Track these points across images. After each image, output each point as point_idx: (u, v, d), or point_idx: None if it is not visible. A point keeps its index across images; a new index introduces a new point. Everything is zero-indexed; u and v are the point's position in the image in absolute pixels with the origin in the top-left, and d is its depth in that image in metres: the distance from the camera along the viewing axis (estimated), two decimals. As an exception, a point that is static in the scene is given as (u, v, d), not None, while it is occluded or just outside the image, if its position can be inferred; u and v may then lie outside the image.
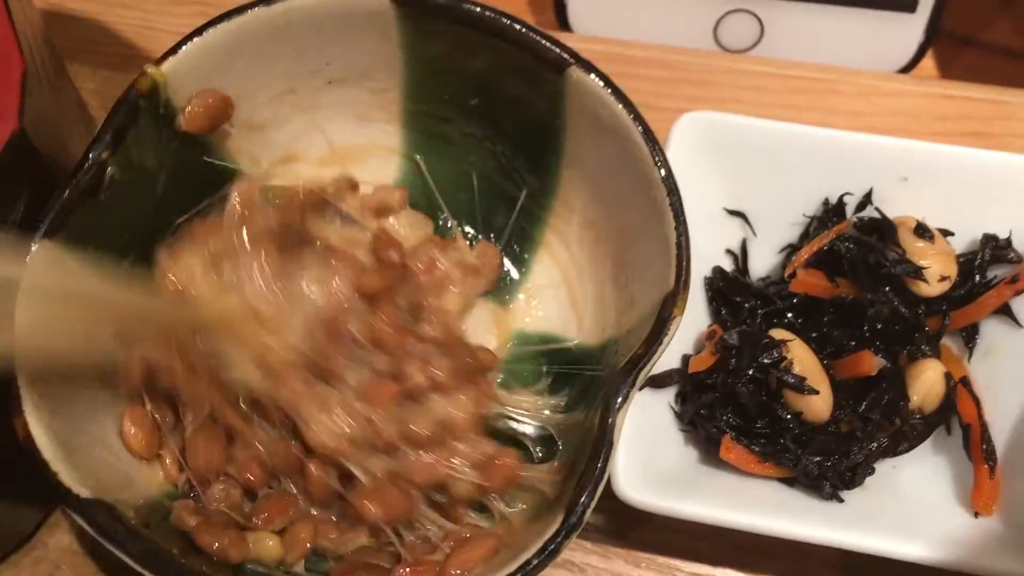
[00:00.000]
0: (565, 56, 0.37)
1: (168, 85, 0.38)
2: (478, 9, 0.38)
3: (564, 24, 0.56)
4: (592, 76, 0.37)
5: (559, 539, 0.32)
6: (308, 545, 0.37)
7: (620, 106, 0.37)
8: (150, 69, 0.38)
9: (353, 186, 0.44)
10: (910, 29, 0.54)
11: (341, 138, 0.44)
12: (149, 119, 0.38)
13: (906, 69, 0.55)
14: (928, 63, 0.57)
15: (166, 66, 0.38)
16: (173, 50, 0.38)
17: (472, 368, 0.39)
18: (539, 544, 0.32)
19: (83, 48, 0.55)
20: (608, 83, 0.37)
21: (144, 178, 0.38)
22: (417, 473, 0.37)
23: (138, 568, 0.31)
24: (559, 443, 0.41)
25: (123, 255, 0.38)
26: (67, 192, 0.36)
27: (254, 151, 0.42)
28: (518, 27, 0.37)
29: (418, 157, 0.45)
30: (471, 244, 0.44)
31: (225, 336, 0.37)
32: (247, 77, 0.40)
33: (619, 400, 0.33)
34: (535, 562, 0.32)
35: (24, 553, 0.44)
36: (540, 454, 0.41)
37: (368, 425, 0.37)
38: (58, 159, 0.40)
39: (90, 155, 0.36)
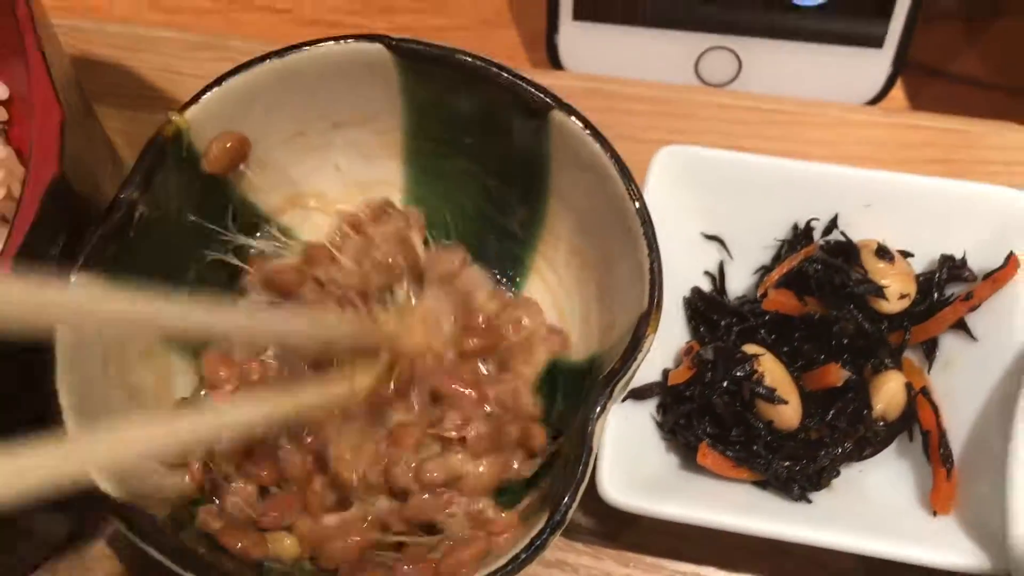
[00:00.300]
0: (548, 100, 0.41)
1: (191, 130, 0.42)
2: (469, 59, 0.41)
3: (556, 62, 0.60)
4: (572, 118, 0.40)
5: (545, 535, 0.35)
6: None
7: (598, 145, 0.40)
8: (174, 116, 0.41)
9: (383, 210, 0.47)
10: (878, 63, 0.57)
11: (348, 176, 0.48)
12: (174, 162, 0.41)
13: (875, 100, 0.58)
14: (898, 94, 0.60)
15: (189, 113, 0.41)
16: (195, 99, 0.42)
17: (510, 442, 0.42)
18: (526, 540, 0.35)
19: (109, 92, 0.58)
20: (587, 125, 0.40)
21: (170, 215, 0.42)
22: (409, 511, 0.41)
23: (172, 566, 0.35)
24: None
25: (154, 286, 0.42)
26: (101, 229, 0.39)
27: (269, 187, 0.46)
28: (504, 74, 0.41)
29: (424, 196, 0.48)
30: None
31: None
32: (262, 121, 0.44)
33: (597, 410, 0.36)
34: (523, 556, 0.35)
35: (58, 559, 0.47)
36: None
37: (385, 471, 0.41)
38: (91, 196, 0.44)
39: (121, 196, 0.40)
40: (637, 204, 0.39)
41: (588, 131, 0.40)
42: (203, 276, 0.45)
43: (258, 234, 0.46)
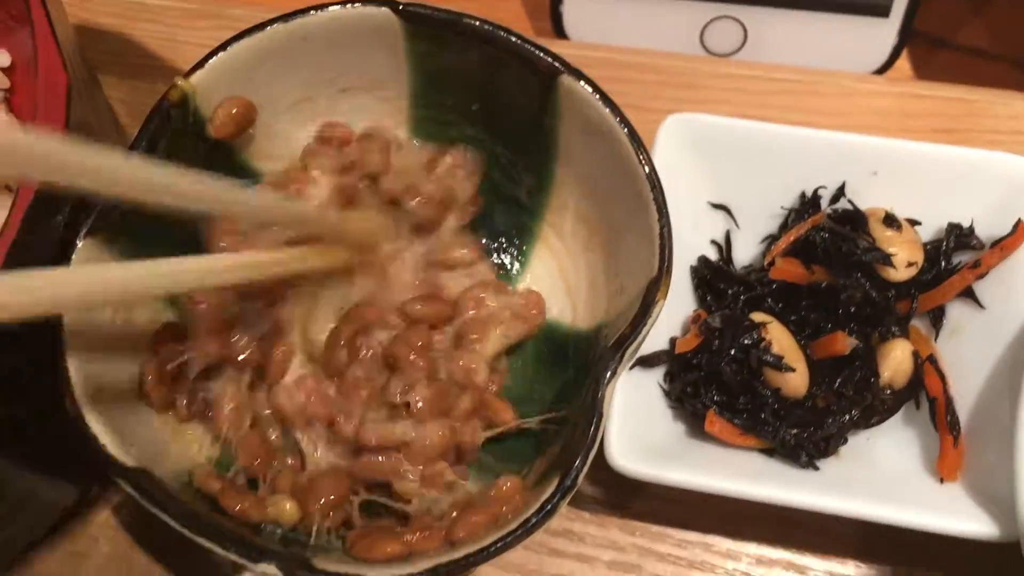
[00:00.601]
0: (556, 65, 0.40)
1: (197, 95, 0.41)
2: (477, 23, 0.41)
3: (560, 31, 0.59)
4: (581, 83, 0.40)
5: (555, 499, 0.35)
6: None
7: (607, 110, 0.40)
8: (180, 82, 0.41)
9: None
10: (884, 32, 0.57)
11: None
12: (179, 127, 0.41)
13: (882, 70, 0.58)
14: (903, 64, 0.60)
15: (194, 78, 0.41)
16: (200, 64, 0.41)
17: (462, 412, 0.42)
18: (537, 505, 0.35)
19: (111, 60, 0.58)
20: (596, 89, 0.40)
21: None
22: (356, 468, 0.41)
23: (179, 528, 0.35)
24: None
25: (158, 251, 0.41)
26: (107, 195, 0.39)
27: (275, 153, 0.46)
28: (513, 39, 0.41)
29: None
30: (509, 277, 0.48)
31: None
32: (267, 87, 0.44)
33: (608, 375, 0.36)
34: (534, 520, 0.35)
35: (63, 528, 0.47)
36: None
37: (325, 409, 0.41)
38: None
39: (127, 160, 0.40)
40: (647, 169, 0.39)
41: (597, 95, 0.40)
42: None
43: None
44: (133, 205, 0.31)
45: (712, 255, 0.49)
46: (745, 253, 0.50)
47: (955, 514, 0.41)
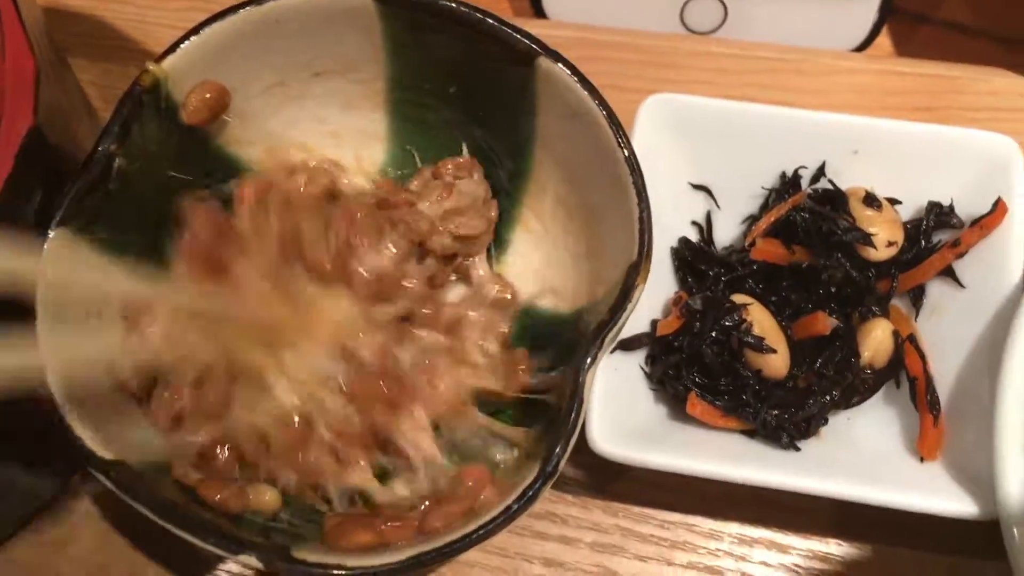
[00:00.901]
0: (534, 47, 0.40)
1: (169, 80, 0.41)
2: (453, 4, 0.41)
3: (539, 10, 0.58)
4: (559, 65, 0.40)
5: (537, 486, 0.35)
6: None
7: (586, 93, 0.39)
8: (151, 66, 0.40)
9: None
10: (864, 9, 0.56)
11: (330, 127, 0.47)
12: (152, 112, 0.41)
13: (861, 47, 0.58)
14: (884, 41, 0.60)
15: (166, 63, 0.41)
16: (172, 48, 0.41)
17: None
18: (518, 491, 0.35)
19: (81, 42, 0.57)
20: (574, 72, 0.40)
21: (149, 168, 0.41)
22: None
23: (158, 520, 0.35)
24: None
25: (132, 239, 0.41)
26: (79, 183, 0.39)
27: (248, 139, 0.45)
28: (490, 20, 0.40)
29: (411, 148, 0.48)
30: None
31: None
32: (240, 71, 0.43)
33: (588, 361, 0.36)
34: (515, 507, 0.35)
35: (44, 518, 0.47)
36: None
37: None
38: (68, 150, 0.43)
39: (99, 148, 0.39)
40: (626, 152, 0.39)
41: (575, 78, 0.40)
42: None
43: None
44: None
45: (693, 236, 0.49)
46: (726, 234, 0.50)
47: (936, 493, 0.41)
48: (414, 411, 0.40)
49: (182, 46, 0.41)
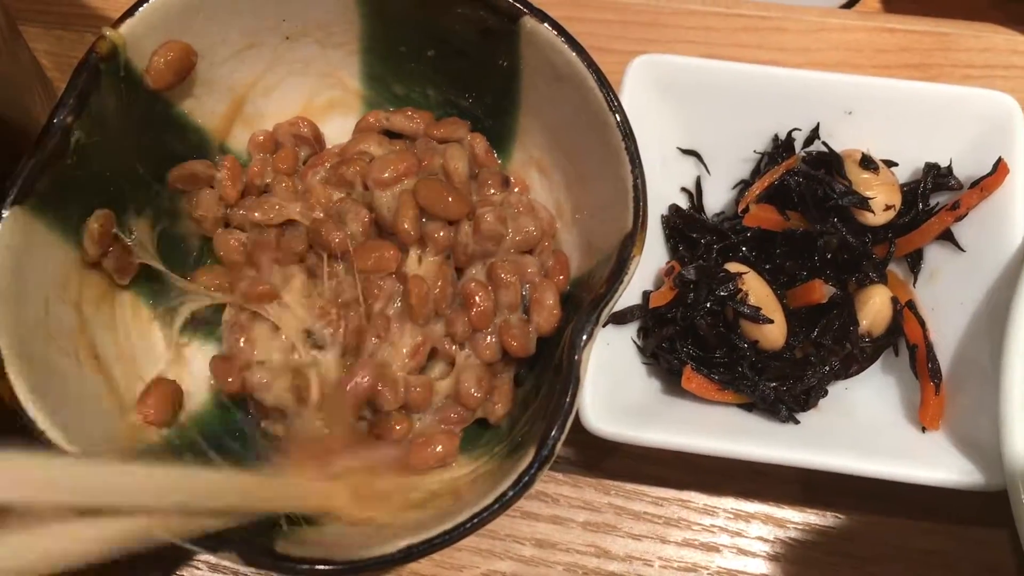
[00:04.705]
0: (517, 5, 0.38)
1: (127, 47, 0.38)
2: (430, -40, 0.38)
3: (515, -31, 0.56)
4: (545, 25, 0.38)
5: (532, 471, 0.33)
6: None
7: (574, 54, 0.37)
8: (108, 32, 0.38)
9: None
10: (851, -37, 0.55)
11: (302, 94, 0.45)
12: (110, 82, 0.38)
13: (850, 4, 0.56)
14: (872, -3, 0.58)
15: (124, 28, 0.38)
16: (130, 12, 0.38)
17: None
18: (513, 477, 0.33)
19: (33, 8, 0.54)
20: (561, 32, 0.38)
21: (111, 139, 0.39)
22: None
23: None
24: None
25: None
26: (34, 158, 0.36)
27: (214, 108, 0.43)
28: (471, -22, 0.38)
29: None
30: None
31: None
32: (206, 34, 0.40)
33: (584, 338, 0.34)
34: (510, 494, 0.33)
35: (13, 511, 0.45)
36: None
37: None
38: (21, 124, 0.40)
39: (55, 120, 0.36)
40: (618, 117, 0.37)
41: (562, 38, 0.38)
42: (148, 204, 0.41)
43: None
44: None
45: (683, 203, 0.47)
46: (716, 200, 0.48)
47: (940, 464, 0.40)
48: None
49: (140, 9, 0.38)
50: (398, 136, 0.44)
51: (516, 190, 0.43)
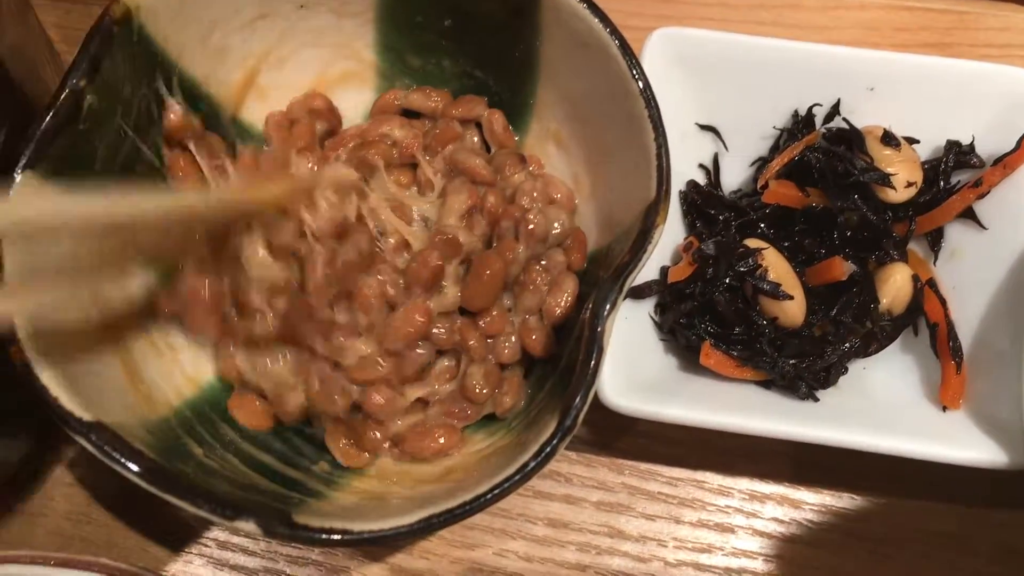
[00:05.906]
0: (540, -27, 0.37)
1: (141, 11, 0.37)
2: (451, -74, 0.38)
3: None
4: (568, -8, 0.37)
5: (555, 441, 0.33)
6: None
7: (596, 20, 0.37)
8: (122, -4, 0.37)
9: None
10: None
11: (316, 65, 0.44)
12: (123, 46, 0.37)
13: (867, -18, 0.55)
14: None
15: (138, -8, 0.37)
16: (144, -24, 0.37)
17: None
18: (536, 447, 0.33)
19: (41, -19, 0.53)
20: (584, -1, 0.37)
21: (122, 106, 0.38)
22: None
23: (146, 486, 0.32)
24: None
25: (106, 181, 0.38)
26: (46, 121, 0.35)
27: (230, 79, 0.42)
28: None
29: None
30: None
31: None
32: (219, 2, 0.40)
33: (607, 307, 0.34)
34: (532, 464, 0.33)
35: (17, 486, 0.44)
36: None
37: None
38: (32, 92, 0.40)
39: (67, 84, 0.36)
40: (640, 84, 0.36)
41: (586, 5, 0.37)
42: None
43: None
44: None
45: (700, 179, 0.47)
46: (733, 177, 0.47)
47: (961, 443, 0.40)
48: None
49: (155, -26, 0.37)
50: (416, 115, 0.44)
51: (532, 167, 0.42)
